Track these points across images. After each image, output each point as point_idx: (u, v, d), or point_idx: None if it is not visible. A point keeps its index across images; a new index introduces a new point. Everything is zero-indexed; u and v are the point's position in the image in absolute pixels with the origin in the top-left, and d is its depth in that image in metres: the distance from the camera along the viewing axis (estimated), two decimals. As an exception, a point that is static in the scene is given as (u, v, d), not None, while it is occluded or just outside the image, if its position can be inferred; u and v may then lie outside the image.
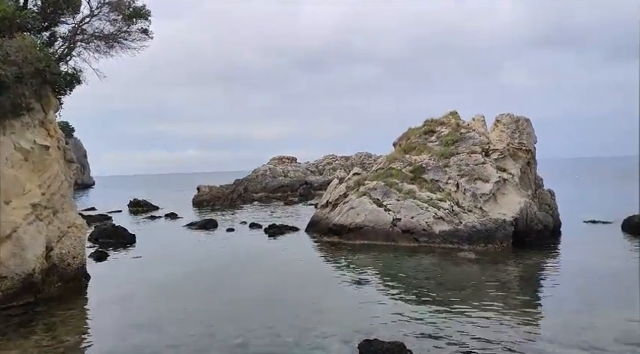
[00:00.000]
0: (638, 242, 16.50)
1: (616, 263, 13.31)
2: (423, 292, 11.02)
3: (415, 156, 19.99)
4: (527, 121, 19.14)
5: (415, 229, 17.11)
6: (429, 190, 18.27)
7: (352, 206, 18.78)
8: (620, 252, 15.09)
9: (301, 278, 13.01)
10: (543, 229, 17.63)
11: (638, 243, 16.40)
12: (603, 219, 21.17)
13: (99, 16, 12.75)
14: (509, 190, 17.70)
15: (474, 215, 17.09)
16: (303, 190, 48.99)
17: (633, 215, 18.87)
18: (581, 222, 21.04)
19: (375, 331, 8.17)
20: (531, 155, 19.11)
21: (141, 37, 13.14)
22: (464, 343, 7.69)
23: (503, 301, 10.22)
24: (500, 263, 14.10)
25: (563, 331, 8.09)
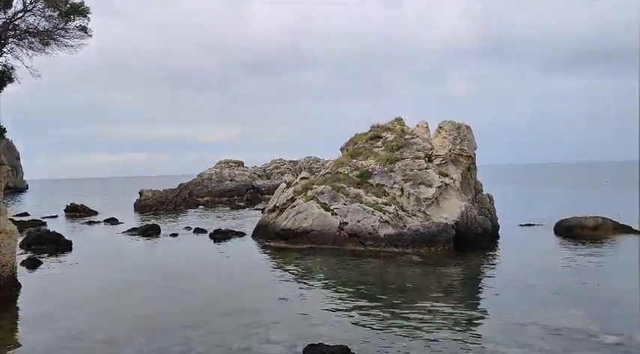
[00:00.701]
0: (568, 244, 17.45)
1: (549, 264, 14.01)
2: (369, 296, 11.14)
3: (362, 161, 20.26)
4: (467, 128, 19.85)
5: (361, 232, 17.31)
6: (374, 195, 18.55)
7: (299, 211, 18.77)
8: (552, 253, 15.89)
9: (247, 284, 12.83)
10: (483, 232, 18.31)
11: (568, 244, 17.35)
12: (537, 222, 22.25)
13: (33, 11, 12.05)
14: (450, 195, 18.26)
15: (418, 219, 17.51)
16: (250, 195, 48.48)
17: (564, 219, 19.96)
18: (517, 225, 22.01)
19: (321, 336, 8.16)
20: (471, 161, 19.83)
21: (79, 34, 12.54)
22: (407, 345, 7.83)
23: (445, 302, 10.51)
24: (442, 265, 14.50)
25: (500, 330, 8.40)
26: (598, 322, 8.50)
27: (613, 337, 7.81)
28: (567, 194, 43.29)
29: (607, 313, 9.17)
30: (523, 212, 26.02)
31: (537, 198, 41.27)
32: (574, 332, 8.08)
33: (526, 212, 26.09)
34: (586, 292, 10.77)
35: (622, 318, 8.85)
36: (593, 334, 7.97)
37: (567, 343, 7.63)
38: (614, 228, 19.00)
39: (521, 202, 34.87)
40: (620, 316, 9.01)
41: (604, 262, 14.15)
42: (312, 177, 22.91)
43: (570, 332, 8.08)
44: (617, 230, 18.86)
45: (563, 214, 21.11)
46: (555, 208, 25.52)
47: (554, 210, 24.20)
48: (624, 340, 7.69)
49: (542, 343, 7.64)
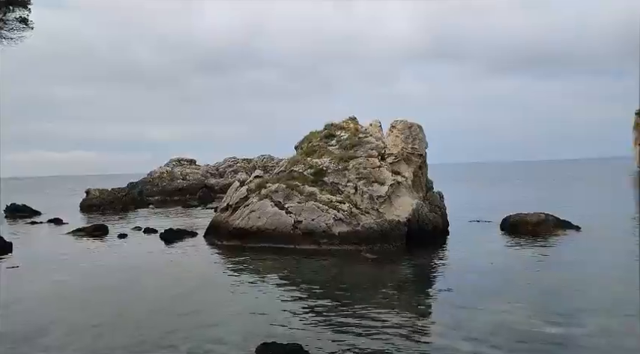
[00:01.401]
0: (513, 239, 18.16)
1: (494, 259, 14.53)
2: (323, 294, 11.20)
3: (316, 159, 20.30)
4: (419, 127, 20.28)
5: (316, 231, 17.36)
6: (329, 193, 18.65)
7: (253, 209, 18.62)
8: (498, 249, 16.49)
9: (198, 285, 12.62)
10: (434, 228, 18.77)
11: (512, 240, 18.05)
12: (485, 219, 23.02)
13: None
14: (402, 193, 18.61)
15: (371, 217, 17.74)
16: (202, 194, 47.66)
17: (509, 215, 20.76)
18: (466, 222, 22.69)
19: (275, 335, 8.14)
20: (423, 159, 20.27)
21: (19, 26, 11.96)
22: (361, 342, 7.92)
23: (397, 298, 10.72)
24: (395, 262, 14.77)
25: (450, 324, 8.65)
26: (540, 315, 8.90)
27: (554, 328, 8.20)
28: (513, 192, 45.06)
29: (548, 306, 9.60)
30: (471, 209, 26.87)
31: (485, 195, 42.72)
32: (518, 325, 8.42)
33: (474, 209, 26.95)
34: (529, 286, 11.24)
35: (562, 310, 9.29)
36: (535, 326, 8.34)
37: (511, 335, 7.95)
38: (555, 224, 19.89)
39: (470, 200, 36.01)
40: (560, 308, 9.46)
41: (546, 257, 14.82)
42: (266, 175, 22.78)
43: (514, 325, 8.42)
44: (558, 226, 19.75)
45: (509, 210, 21.93)
46: (501, 205, 26.48)
47: (501, 207, 25.11)
48: (564, 331, 8.09)
49: (489, 337, 7.92)
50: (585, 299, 10.08)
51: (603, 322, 8.48)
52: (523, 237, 18.38)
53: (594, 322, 8.51)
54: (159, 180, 51.28)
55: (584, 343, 7.59)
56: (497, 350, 7.38)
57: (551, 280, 11.79)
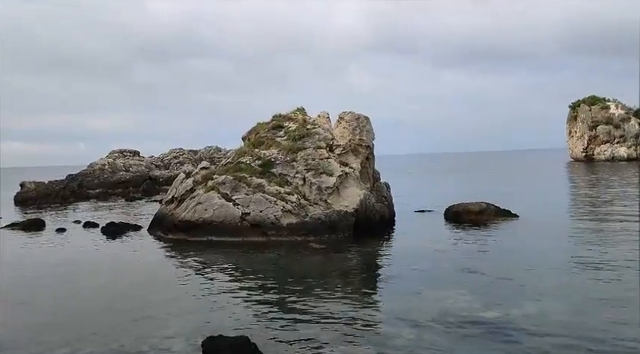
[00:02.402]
0: (456, 228, 18.78)
1: (438, 247, 14.97)
2: (271, 285, 11.15)
3: (264, 150, 20.12)
4: (366, 119, 20.50)
5: (264, 223, 17.24)
6: (277, 184, 18.54)
7: (200, 201, 18.24)
8: (441, 237, 16.98)
9: (142, 280, 12.25)
10: (380, 218, 19.10)
11: (455, 228, 18.66)
12: (429, 208, 23.66)
13: None
14: (350, 184, 18.79)
15: (320, 208, 17.81)
16: (146, 186, 46.25)
17: (452, 205, 21.45)
18: (412, 211, 23.24)
19: (222, 328, 8.02)
20: (370, 151, 20.53)
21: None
22: (308, 332, 7.95)
23: (344, 287, 10.84)
24: (343, 252, 14.92)
25: (395, 312, 8.83)
26: (480, 300, 9.24)
27: (493, 312, 8.53)
28: (457, 182, 46.56)
29: (488, 291, 10.00)
30: (417, 199, 27.53)
31: (430, 186, 43.92)
32: (460, 310, 8.71)
33: (419, 199, 27.63)
34: (471, 273, 11.65)
35: (501, 295, 9.70)
36: (475, 311, 8.65)
37: (454, 321, 8.21)
38: (496, 212, 20.74)
39: (416, 190, 36.90)
40: (499, 293, 9.87)
41: (486, 244, 15.41)
42: (212, 167, 22.35)
43: (457, 311, 8.70)
44: (498, 214, 20.61)
45: (453, 200, 22.65)
46: (446, 195, 27.28)
47: (445, 196, 25.87)
48: (502, 315, 8.44)
49: (432, 323, 8.15)
50: (523, 284, 10.55)
51: (540, 306, 8.90)
52: (465, 225, 19.03)
53: (531, 305, 8.92)
54: (100, 172, 49.30)
55: (522, 326, 7.93)
56: (439, 336, 7.61)
57: (492, 266, 12.27)
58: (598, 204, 24.87)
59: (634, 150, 76.37)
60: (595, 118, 79.98)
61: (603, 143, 78.47)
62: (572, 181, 44.69)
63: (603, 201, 26.00)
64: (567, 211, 23.26)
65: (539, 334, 7.59)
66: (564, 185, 40.13)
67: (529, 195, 30.72)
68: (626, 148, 76.75)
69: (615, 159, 75.02)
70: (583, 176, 47.59)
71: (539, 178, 49.40)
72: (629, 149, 76.50)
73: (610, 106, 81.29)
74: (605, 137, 78.35)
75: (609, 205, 23.93)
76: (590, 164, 70.88)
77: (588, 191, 32.14)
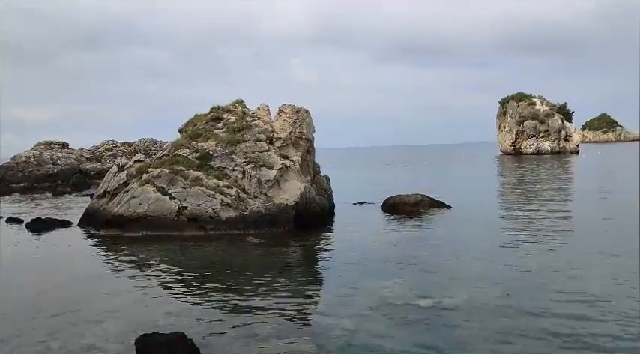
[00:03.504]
0: (393, 219, 19.26)
1: (375, 239, 15.31)
2: (209, 280, 10.96)
3: (202, 143, 19.68)
4: (307, 112, 20.53)
5: (202, 216, 16.90)
6: (216, 178, 18.21)
7: (134, 196, 17.59)
8: (379, 229, 17.37)
9: (72, 278, 11.66)
10: (320, 211, 19.24)
11: (392, 220, 19.14)
12: (368, 201, 24.10)
13: None
14: (290, 177, 18.77)
15: (259, 201, 17.68)
16: (76, 180, 43.95)
17: (389, 197, 21.97)
18: (352, 204, 23.58)
19: (158, 325, 7.81)
20: (310, 144, 20.60)
21: None
22: (247, 326, 7.89)
23: (284, 280, 10.84)
24: (283, 246, 14.90)
25: (334, 303, 8.96)
26: (416, 289, 9.54)
27: (428, 300, 8.84)
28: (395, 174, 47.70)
29: (423, 280, 10.35)
30: (356, 192, 27.97)
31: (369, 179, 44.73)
32: (396, 299, 8.96)
33: (358, 192, 28.09)
34: (407, 263, 11.99)
35: (436, 283, 10.07)
36: (411, 299, 8.93)
37: (390, 310, 8.44)
38: (430, 204, 21.46)
39: (355, 183, 37.48)
40: (434, 281, 10.25)
41: (421, 234, 15.93)
42: (147, 160, 21.61)
43: (393, 300, 8.95)
44: (433, 206, 21.34)
45: (390, 192, 23.21)
46: (384, 187, 27.90)
47: (383, 189, 26.46)
48: (436, 302, 8.76)
49: (370, 312, 8.33)
50: (456, 271, 11.02)
51: (471, 292, 9.32)
52: (402, 217, 19.56)
53: (464, 292, 9.31)
54: (24, 165, 46.31)
55: (455, 312, 8.28)
56: (377, 325, 7.79)
57: (427, 255, 12.71)
58: (525, 194, 26.34)
59: (557, 144, 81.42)
60: (522, 114, 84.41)
61: (529, 137, 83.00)
62: (501, 173, 47.05)
63: (529, 191, 27.57)
64: (497, 202, 24.49)
65: (471, 319, 7.95)
66: (494, 177, 42.16)
67: (462, 187, 32.03)
68: (550, 142, 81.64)
69: (540, 152, 79.64)
70: (511, 169, 50.20)
71: (472, 170, 51.60)
72: (553, 143, 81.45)
73: (536, 102, 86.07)
74: (532, 132, 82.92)
75: (535, 195, 25.41)
76: (518, 157, 74.87)
77: (516, 183, 33.95)
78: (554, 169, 46.29)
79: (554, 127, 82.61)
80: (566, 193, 26.81)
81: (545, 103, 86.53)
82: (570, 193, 27.13)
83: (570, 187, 30.85)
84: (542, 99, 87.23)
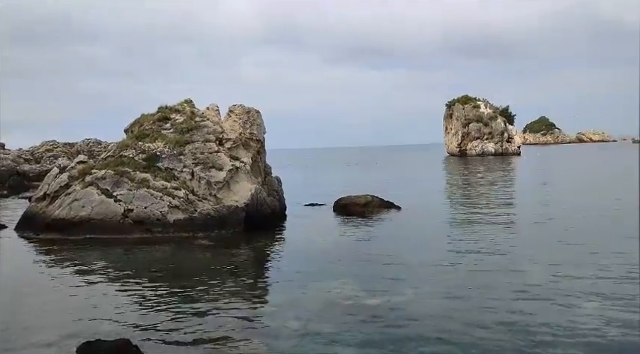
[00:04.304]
0: (343, 220, 19.47)
1: (326, 239, 15.44)
2: (156, 284, 10.69)
3: (149, 143, 19.17)
4: (257, 113, 20.41)
5: (149, 219, 16.47)
6: (163, 179, 17.79)
7: (76, 198, 16.91)
8: (330, 230, 17.53)
9: (9, 284, 11.08)
10: (271, 213, 19.17)
11: (343, 221, 19.35)
12: (320, 202, 24.24)
13: None
14: (241, 178, 18.60)
15: (209, 203, 17.42)
16: (13, 182, 41.72)
17: (340, 198, 22.20)
18: (303, 205, 23.64)
19: (102, 332, 7.55)
20: (261, 145, 20.49)
21: None
22: (194, 330, 7.77)
23: (234, 283, 10.74)
24: (233, 248, 14.76)
25: (283, 305, 8.96)
26: (365, 289, 9.69)
27: (376, 299, 9.01)
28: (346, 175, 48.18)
29: (372, 279, 10.52)
30: (308, 193, 28.06)
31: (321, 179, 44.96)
32: (345, 299, 9.08)
33: (310, 193, 28.19)
34: (356, 262, 12.17)
35: (384, 282, 10.26)
36: (360, 299, 9.07)
37: (339, 310, 8.54)
38: (380, 204, 21.84)
39: (307, 184, 37.59)
40: (382, 281, 10.43)
41: (371, 234, 16.20)
42: (91, 161, 20.82)
43: (342, 300, 9.06)
44: (383, 206, 21.73)
45: (341, 193, 23.43)
46: (335, 188, 28.13)
47: (334, 190, 26.68)
48: (384, 301, 8.94)
49: (319, 313, 8.40)
50: (404, 271, 11.26)
51: (418, 291, 9.56)
52: (352, 217, 19.80)
53: (411, 291, 9.54)
54: (-45, 166, 43.47)
55: (402, 311, 8.47)
56: (325, 325, 7.86)
57: (375, 255, 12.93)
58: (470, 195, 27.29)
59: (500, 146, 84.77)
60: (468, 117, 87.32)
61: (475, 139, 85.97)
62: (448, 174, 48.51)
63: (475, 192, 28.58)
64: (444, 202, 25.22)
65: (418, 317, 8.16)
66: (441, 178, 43.39)
67: (410, 187, 32.78)
68: (494, 144, 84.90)
69: (485, 154, 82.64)
70: (457, 169, 51.84)
71: (420, 171, 52.87)
72: (496, 145, 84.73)
73: (480, 105, 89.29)
74: (476, 134, 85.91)
75: (480, 195, 26.36)
76: (464, 159, 77.38)
77: (462, 183, 35.10)
78: (498, 169, 48.17)
79: (497, 129, 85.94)
80: (508, 193, 27.97)
81: (489, 107, 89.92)
82: (512, 193, 28.34)
83: (513, 187, 32.22)
84: (487, 102, 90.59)
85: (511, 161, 64.50)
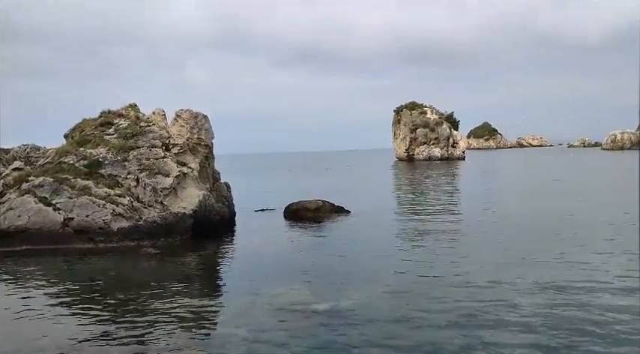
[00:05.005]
0: (294, 225, 19.46)
1: (277, 245, 15.36)
2: (98, 296, 10.28)
3: (91, 149, 18.44)
4: (205, 118, 20.07)
5: (91, 228, 15.82)
6: (106, 186, 17.15)
7: (11, 207, 16.01)
8: (280, 235, 17.47)
9: None
10: (220, 219, 18.88)
11: (294, 226, 19.34)
12: (270, 207, 24.12)
13: None
14: (189, 184, 18.22)
15: (155, 210, 16.95)
16: (-58, 190, 39.01)
17: (291, 203, 22.17)
18: (253, 211, 23.44)
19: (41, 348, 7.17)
20: (209, 150, 20.15)
21: None
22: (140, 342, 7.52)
23: (182, 292, 10.48)
24: (180, 256, 14.41)
25: (232, 313, 8.83)
26: (314, 294, 9.72)
27: (325, 304, 9.04)
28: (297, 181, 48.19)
29: (321, 284, 10.56)
30: (258, 198, 27.85)
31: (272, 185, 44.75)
32: (294, 305, 9.06)
33: (261, 198, 28.00)
34: (306, 268, 12.17)
35: (333, 287, 10.32)
36: (309, 304, 9.08)
37: (288, 316, 8.51)
38: (330, 209, 21.98)
39: (257, 190, 37.29)
40: (332, 285, 10.49)
41: (321, 239, 16.27)
42: (28, 168, 19.78)
43: (291, 306, 9.03)
44: (333, 211, 21.88)
45: (292, 198, 23.40)
46: (286, 194, 28.09)
47: (285, 195, 26.62)
48: (333, 306, 8.98)
49: (268, 320, 8.33)
50: (354, 274, 11.37)
51: (366, 294, 9.67)
52: (303, 222, 19.82)
53: (361, 294, 9.64)
54: None
55: (351, 314, 8.54)
56: (275, 332, 7.81)
57: (325, 260, 12.99)
58: (417, 199, 27.93)
59: (446, 151, 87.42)
60: (415, 122, 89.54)
61: (422, 144, 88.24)
62: (397, 178, 49.47)
63: (421, 196, 29.29)
64: (393, 206, 25.67)
65: (367, 320, 8.26)
66: (390, 182, 44.22)
67: (360, 192, 33.20)
68: (440, 149, 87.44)
69: (431, 158, 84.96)
70: (405, 174, 52.97)
71: (369, 176, 53.68)
72: (442, 150, 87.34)
73: (427, 111, 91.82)
74: (423, 139, 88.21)
75: (426, 199, 27.04)
76: (412, 163, 79.19)
77: (409, 187, 35.89)
78: (444, 174, 49.61)
79: (443, 134, 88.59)
80: (454, 196, 28.86)
81: (435, 113, 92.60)
82: (458, 196, 29.26)
83: (458, 189, 33.27)
84: (433, 108, 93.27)
85: (457, 165, 66.59)
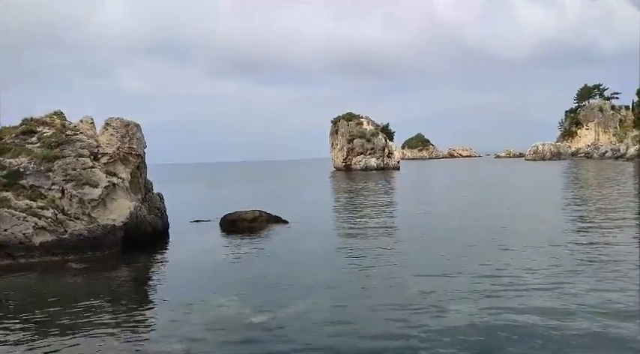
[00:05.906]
0: (230, 236, 19.16)
1: (212, 257, 15.04)
2: (17, 317, 9.58)
3: (10, 159, 17.28)
4: (137, 126, 19.39)
5: (9, 243, 14.77)
6: (28, 198, 16.11)
7: None
8: (216, 247, 17.12)
9: None
10: (153, 231, 18.24)
11: (230, 237, 19.03)
12: (206, 218, 23.60)
13: None
14: (119, 195, 17.48)
15: (82, 222, 16.11)
16: None
17: (227, 213, 21.81)
18: (188, 222, 22.84)
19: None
20: (141, 160, 19.47)
21: None
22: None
23: (111, 309, 9.99)
24: (110, 270, 13.76)
25: (165, 328, 8.52)
26: (251, 305, 9.58)
27: (262, 316, 8.93)
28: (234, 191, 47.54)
29: (258, 295, 10.43)
30: (194, 209, 27.19)
31: (207, 195, 43.87)
32: (230, 318, 8.89)
33: (196, 209, 27.35)
34: (243, 279, 12.00)
35: (270, 298, 10.22)
36: (245, 317, 8.93)
37: (224, 329, 8.34)
38: (268, 219, 21.83)
39: (193, 200, 36.42)
40: (268, 296, 10.39)
41: (258, 250, 16.09)
42: (-63, 178, 18.19)
43: (227, 319, 8.85)
44: (270, 221, 21.74)
45: (229, 208, 23.04)
46: (223, 204, 27.60)
47: (222, 206, 26.16)
48: (270, 317, 8.89)
49: (203, 333, 8.11)
50: (290, 285, 11.31)
51: (306, 303, 9.66)
52: (240, 233, 19.55)
53: (298, 304, 9.61)
54: None
55: (288, 325, 8.49)
56: (208, 347, 7.62)
57: (261, 271, 12.85)
58: (354, 207, 28.36)
59: (381, 161, 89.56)
60: (352, 133, 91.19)
61: (359, 154, 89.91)
62: (334, 188, 50.01)
63: (358, 204, 29.77)
64: (330, 215, 25.91)
65: (304, 330, 8.24)
66: (327, 192, 44.62)
67: (297, 201, 33.26)
68: (376, 159, 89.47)
69: (368, 168, 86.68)
70: (342, 184, 53.68)
71: (307, 186, 53.94)
72: (378, 160, 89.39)
73: (363, 122, 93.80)
74: (360, 149, 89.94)
75: (363, 208, 27.51)
76: (349, 173, 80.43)
77: (347, 196, 36.39)
78: (380, 183, 50.75)
79: (379, 145, 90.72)
80: (389, 204, 29.56)
81: (371, 123, 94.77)
82: (393, 203, 30.00)
83: (393, 197, 34.12)
84: (369, 119, 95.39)
85: (392, 175, 68.36)
